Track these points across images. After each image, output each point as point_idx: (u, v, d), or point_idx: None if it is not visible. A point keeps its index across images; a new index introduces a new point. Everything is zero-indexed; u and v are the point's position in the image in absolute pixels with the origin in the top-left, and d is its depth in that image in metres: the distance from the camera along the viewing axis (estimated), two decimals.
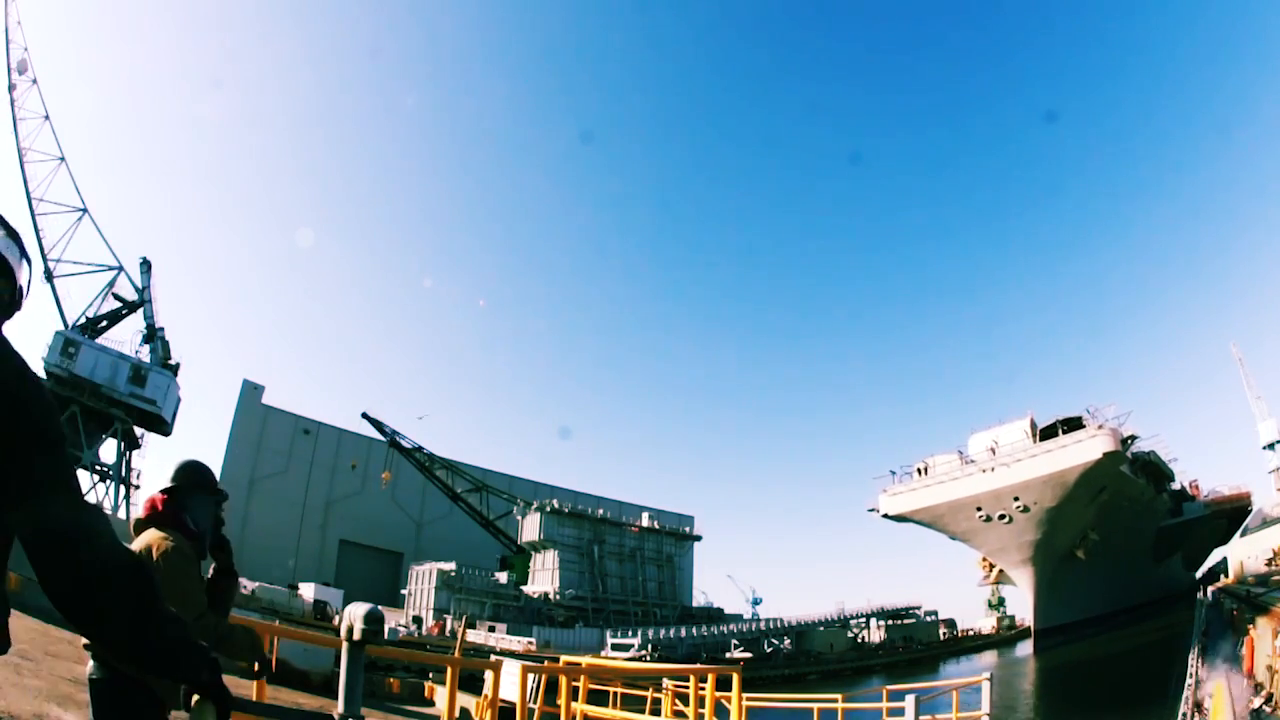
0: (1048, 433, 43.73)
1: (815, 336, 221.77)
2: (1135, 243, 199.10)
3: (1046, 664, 42.45)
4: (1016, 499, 43.38)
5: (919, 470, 48.37)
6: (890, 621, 64.42)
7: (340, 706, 3.36)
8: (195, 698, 1.81)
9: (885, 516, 49.06)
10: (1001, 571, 54.33)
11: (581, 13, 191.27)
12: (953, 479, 45.98)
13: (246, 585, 42.75)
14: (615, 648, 42.16)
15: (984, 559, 50.93)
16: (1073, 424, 42.43)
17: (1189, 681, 9.84)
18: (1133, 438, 41.30)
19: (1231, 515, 56.28)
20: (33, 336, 45.10)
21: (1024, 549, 45.72)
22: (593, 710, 8.80)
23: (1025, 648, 51.82)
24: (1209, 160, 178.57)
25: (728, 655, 46.80)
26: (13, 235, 1.32)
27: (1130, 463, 44.34)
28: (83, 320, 45.36)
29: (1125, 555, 50.01)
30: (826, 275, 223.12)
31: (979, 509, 45.21)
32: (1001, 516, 44.69)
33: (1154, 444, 49.20)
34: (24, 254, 1.33)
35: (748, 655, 46.46)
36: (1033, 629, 48.11)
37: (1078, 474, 40.51)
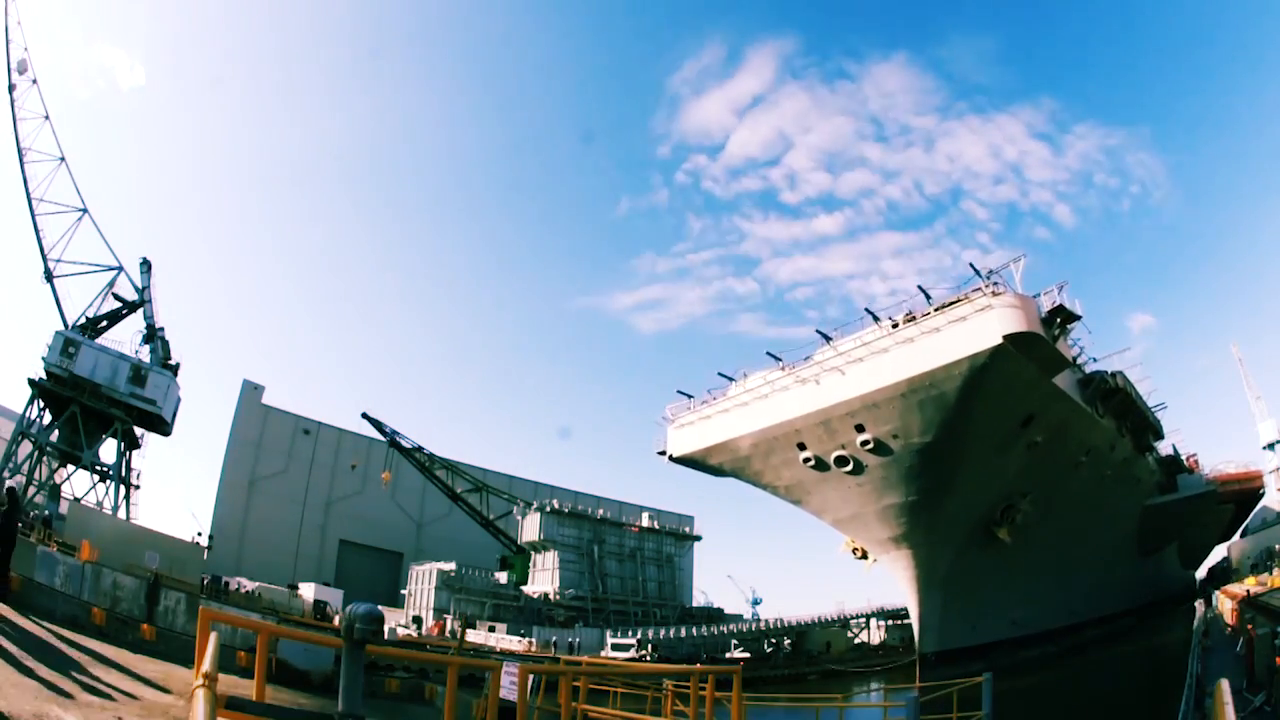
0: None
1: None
2: (1133, 239, 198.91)
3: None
4: (861, 429, 26.05)
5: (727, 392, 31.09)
6: (890, 622, 64.35)
7: (340, 706, 3.36)
8: None
9: (673, 460, 32.48)
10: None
11: (581, 9, 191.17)
12: (760, 398, 28.58)
13: (246, 585, 42.77)
14: (615, 648, 42.15)
15: (850, 540, 33.08)
16: None
17: (1189, 681, 9.87)
18: (1064, 315, 23.83)
19: (1239, 501, 43.91)
20: (33, 337, 45.14)
21: (890, 520, 28.44)
22: (593, 710, 8.80)
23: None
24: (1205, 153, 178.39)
25: (727, 655, 46.79)
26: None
27: (1082, 386, 28.49)
28: (83, 320, 45.34)
29: (1092, 541, 34.78)
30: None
31: (802, 446, 28.01)
32: (843, 462, 27.30)
33: (1124, 365, 31.38)
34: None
35: (747, 655, 46.44)
36: (918, 652, 29.74)
37: (961, 377, 23.46)
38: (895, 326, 25.73)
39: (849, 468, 27.72)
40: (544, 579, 58.11)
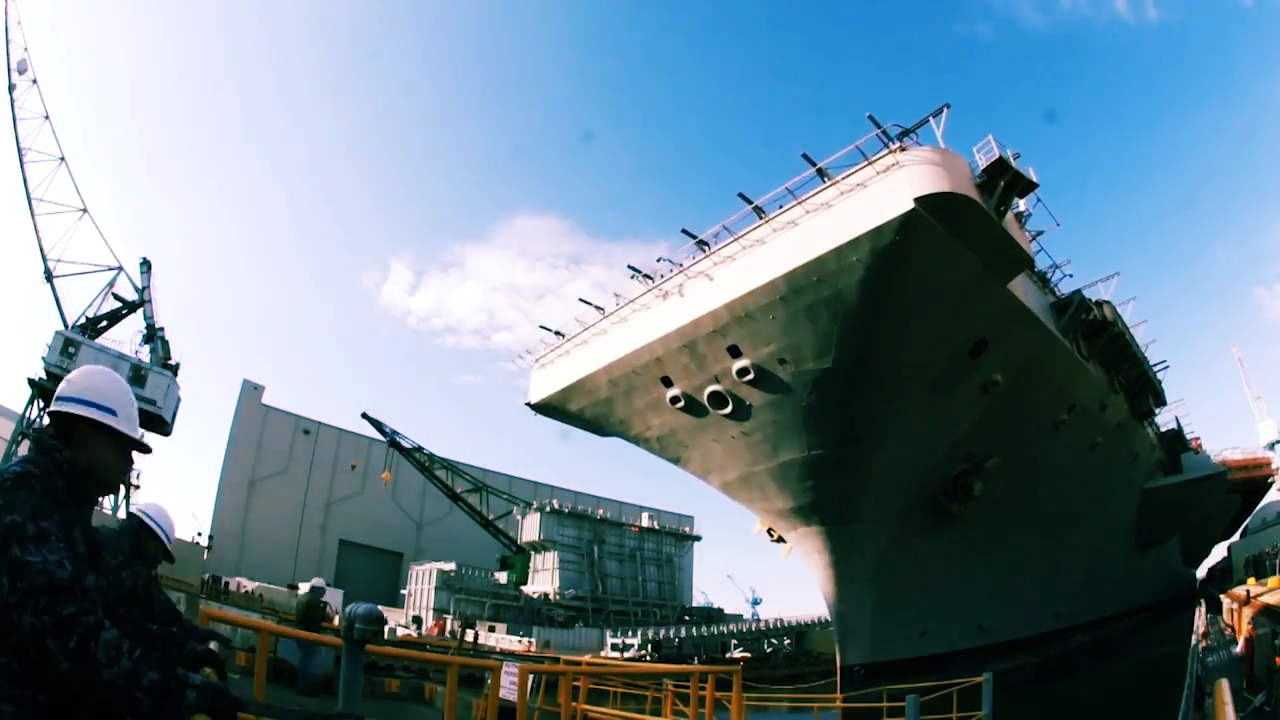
0: None
1: None
2: (1132, 237, 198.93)
3: None
4: (735, 352, 19.05)
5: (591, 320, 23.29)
6: None
7: (340, 705, 3.36)
8: None
9: (534, 409, 25.37)
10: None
11: (574, 8, 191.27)
12: (620, 321, 21.72)
13: (246, 585, 42.81)
14: (615, 648, 42.12)
15: (761, 520, 26.60)
16: None
17: (1189, 681, 9.88)
18: (1009, 175, 15.92)
19: (1246, 491, 38.58)
20: (33, 337, 45.12)
21: (790, 483, 21.16)
22: (593, 710, 8.80)
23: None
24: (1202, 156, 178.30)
25: (728, 655, 46.75)
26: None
27: (1057, 312, 21.06)
28: (83, 320, 45.30)
29: (1081, 527, 27.74)
30: None
31: (668, 382, 20.92)
32: (720, 401, 20.09)
33: (1114, 296, 23.54)
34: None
35: (747, 655, 46.40)
36: (838, 665, 22.21)
37: (861, 266, 16.19)
38: (781, 209, 18.33)
39: (728, 409, 20.20)
40: (544, 579, 58.08)
